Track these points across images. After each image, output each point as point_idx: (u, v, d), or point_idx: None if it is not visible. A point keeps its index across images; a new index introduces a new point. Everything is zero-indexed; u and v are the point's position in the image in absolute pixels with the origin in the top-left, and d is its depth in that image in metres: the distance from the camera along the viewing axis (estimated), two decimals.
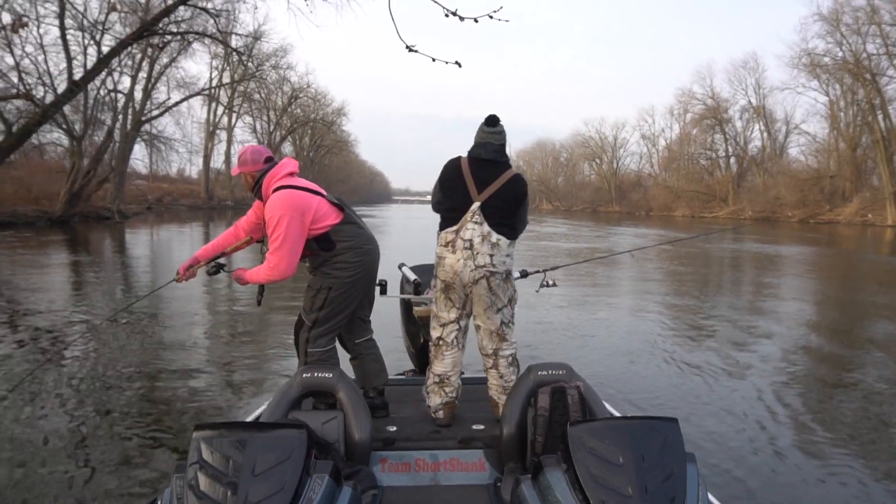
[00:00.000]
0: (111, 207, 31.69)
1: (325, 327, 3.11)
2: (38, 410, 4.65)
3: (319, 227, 3.02)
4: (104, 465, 3.78)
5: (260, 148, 3.22)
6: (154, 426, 4.46)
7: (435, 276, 3.07)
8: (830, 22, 45.11)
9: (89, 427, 4.37)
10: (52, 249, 17.95)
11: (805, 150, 57.59)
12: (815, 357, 7.10)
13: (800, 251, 22.78)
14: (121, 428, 4.36)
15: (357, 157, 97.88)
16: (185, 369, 5.86)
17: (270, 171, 3.09)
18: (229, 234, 3.36)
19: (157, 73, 35.03)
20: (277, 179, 3.06)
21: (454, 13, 2.84)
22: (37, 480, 3.54)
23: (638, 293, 11.59)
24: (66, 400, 4.89)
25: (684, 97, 68.92)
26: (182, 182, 56.40)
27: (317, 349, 3.11)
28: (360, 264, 3.09)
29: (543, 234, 30.65)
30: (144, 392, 5.23)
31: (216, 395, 5.27)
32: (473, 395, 3.25)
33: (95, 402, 4.89)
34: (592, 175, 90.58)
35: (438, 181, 3.09)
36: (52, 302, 9.19)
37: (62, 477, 3.59)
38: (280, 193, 3.00)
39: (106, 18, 22.29)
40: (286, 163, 3.14)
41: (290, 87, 56.78)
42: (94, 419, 4.53)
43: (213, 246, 3.34)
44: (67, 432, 4.23)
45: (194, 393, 5.24)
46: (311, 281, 3.14)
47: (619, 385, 5.50)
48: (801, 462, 4.03)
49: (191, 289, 9.50)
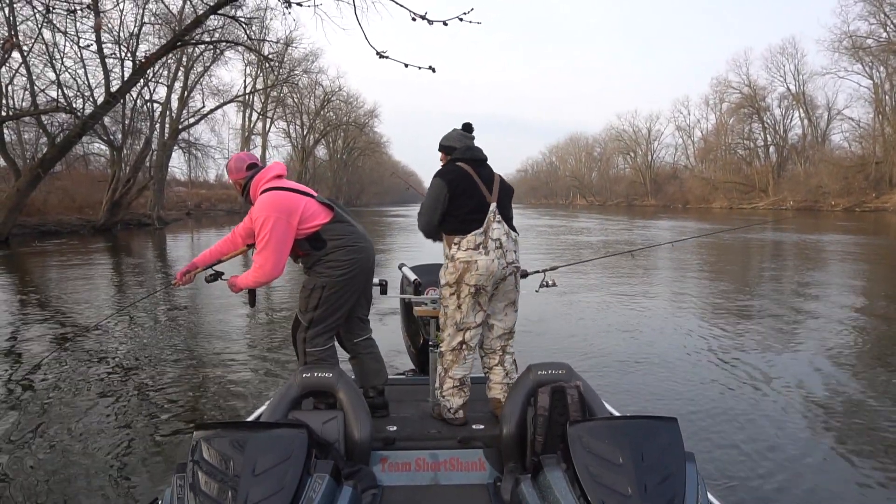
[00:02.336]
0: (151, 214, 32.61)
1: (320, 327, 3.13)
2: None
3: (309, 227, 3.05)
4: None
5: (243, 155, 3.31)
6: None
7: (457, 283, 3.01)
8: (873, 2, 43.67)
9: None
10: (98, 256, 18.56)
11: (848, 137, 56.04)
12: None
13: (840, 240, 22.02)
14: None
15: (390, 158, 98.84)
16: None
17: (256, 177, 3.18)
18: (227, 241, 3.41)
19: (192, 82, 35.89)
20: (264, 182, 3.13)
21: (423, 17, 2.84)
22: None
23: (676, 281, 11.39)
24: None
25: (720, 86, 67.80)
26: (220, 187, 57.63)
27: (315, 349, 3.13)
28: (354, 262, 3.10)
29: (573, 229, 30.55)
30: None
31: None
32: (473, 395, 3.25)
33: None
34: (627, 169, 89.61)
35: (448, 191, 3.03)
36: (95, 306, 9.51)
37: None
38: (266, 196, 3.06)
39: (140, 31, 22.94)
40: (273, 166, 3.21)
41: (322, 90, 57.65)
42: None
43: (212, 252, 3.38)
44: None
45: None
46: (305, 281, 3.17)
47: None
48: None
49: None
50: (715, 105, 70.43)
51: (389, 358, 5.87)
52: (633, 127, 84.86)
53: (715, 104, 70.32)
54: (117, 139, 28.85)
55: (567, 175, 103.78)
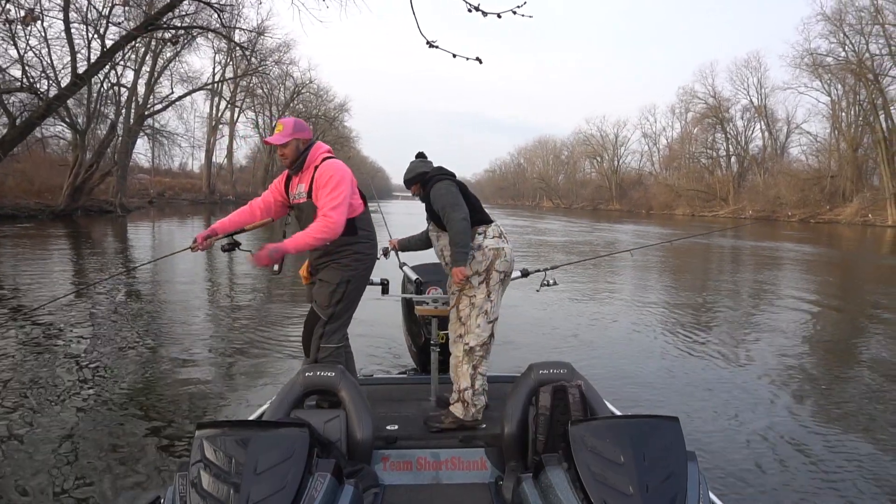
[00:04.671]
0: (113, 201, 31.72)
1: (339, 322, 3.15)
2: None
3: (352, 207, 3.10)
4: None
5: (301, 120, 3.24)
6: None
7: (486, 271, 3.05)
8: (833, 22, 45.06)
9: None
10: (54, 242, 18.01)
11: (806, 150, 57.65)
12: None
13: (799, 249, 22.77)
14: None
15: (359, 153, 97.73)
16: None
17: (317, 144, 3.19)
18: (244, 212, 3.33)
19: (160, 67, 35.05)
20: (323, 152, 3.16)
21: (477, 8, 2.89)
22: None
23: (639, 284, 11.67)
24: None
25: (686, 96, 68.94)
26: (184, 176, 56.41)
27: (330, 345, 3.13)
28: (373, 257, 3.20)
29: (538, 230, 31.01)
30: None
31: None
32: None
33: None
34: (593, 173, 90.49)
35: (462, 196, 3.14)
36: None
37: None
38: (337, 161, 3.09)
39: (110, 12, 22.29)
40: (323, 143, 3.26)
41: (292, 82, 56.70)
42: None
43: (231, 221, 3.29)
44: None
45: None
46: (325, 275, 3.13)
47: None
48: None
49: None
50: (681, 114, 71.76)
51: (392, 356, 5.93)
52: (601, 132, 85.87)
53: (681, 113, 71.65)
54: (81, 122, 28.00)
55: (534, 177, 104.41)
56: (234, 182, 56.85)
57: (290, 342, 6.64)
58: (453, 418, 3.05)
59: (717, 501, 2.26)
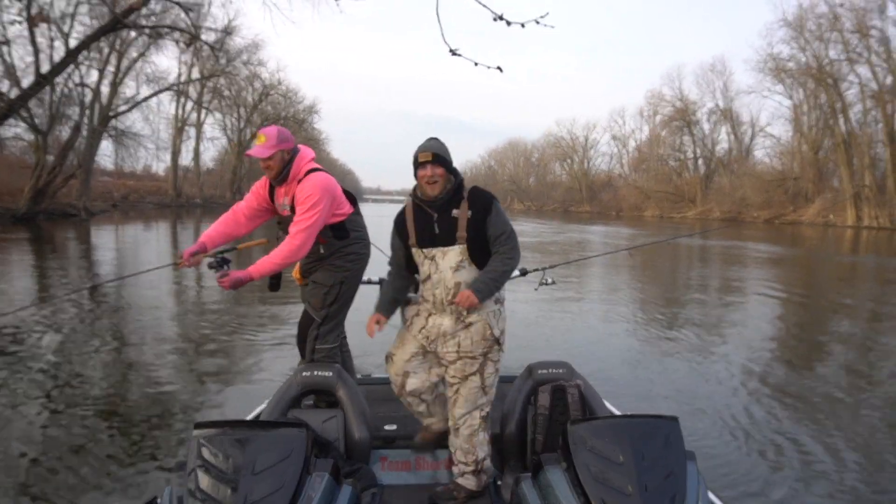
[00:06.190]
0: (77, 205, 30.85)
1: (333, 323, 3.12)
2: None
3: (337, 216, 3.05)
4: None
5: (284, 129, 3.10)
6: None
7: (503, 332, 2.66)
8: (795, 28, 46.33)
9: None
10: (15, 247, 17.48)
11: (770, 153, 59.08)
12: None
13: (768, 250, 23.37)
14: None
15: (328, 156, 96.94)
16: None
17: (300, 154, 3.05)
18: (229, 221, 3.15)
19: (125, 67, 34.25)
20: (307, 162, 3.04)
21: (501, 17, 2.88)
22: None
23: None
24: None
25: (654, 99, 70.05)
26: (149, 179, 55.12)
27: (325, 345, 3.11)
28: (366, 256, 3.17)
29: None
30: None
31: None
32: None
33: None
34: (564, 175, 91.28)
35: None
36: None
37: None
38: (318, 175, 2.97)
39: (75, 11, 21.78)
40: (309, 150, 3.13)
41: (260, 83, 56.00)
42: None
43: (218, 233, 3.11)
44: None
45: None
46: (319, 277, 3.09)
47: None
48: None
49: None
50: (649, 117, 72.81)
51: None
52: (570, 134, 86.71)
53: (649, 116, 72.71)
54: (43, 124, 27.23)
55: (505, 179, 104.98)
56: (202, 185, 55.85)
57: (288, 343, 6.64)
58: (466, 492, 2.64)
59: (716, 501, 2.27)
